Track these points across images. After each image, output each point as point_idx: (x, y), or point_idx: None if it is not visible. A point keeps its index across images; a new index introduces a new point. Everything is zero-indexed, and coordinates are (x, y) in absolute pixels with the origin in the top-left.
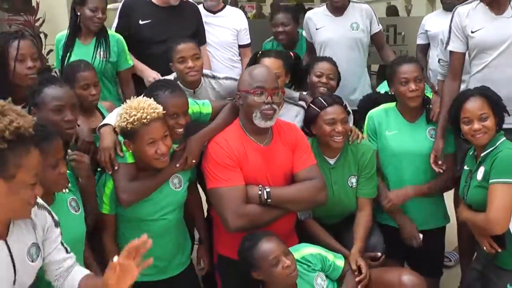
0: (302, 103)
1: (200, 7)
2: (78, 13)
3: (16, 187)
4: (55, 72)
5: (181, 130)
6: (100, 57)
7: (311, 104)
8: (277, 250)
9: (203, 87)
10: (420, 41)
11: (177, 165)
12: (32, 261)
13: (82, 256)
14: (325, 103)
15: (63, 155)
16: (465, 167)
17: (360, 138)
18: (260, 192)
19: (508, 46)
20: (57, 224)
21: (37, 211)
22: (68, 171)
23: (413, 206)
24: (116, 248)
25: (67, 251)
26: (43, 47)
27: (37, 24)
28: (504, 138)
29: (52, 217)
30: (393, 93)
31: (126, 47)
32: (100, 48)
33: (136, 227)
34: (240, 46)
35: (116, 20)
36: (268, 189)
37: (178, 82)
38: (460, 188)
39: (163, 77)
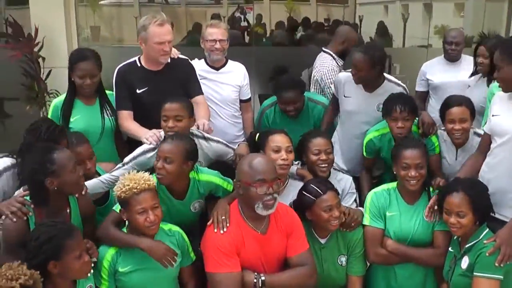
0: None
1: (202, 62)
2: (73, 79)
3: None
4: None
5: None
6: (109, 117)
7: (305, 193)
8: None
9: None
10: (419, 88)
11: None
12: None
13: None
14: (320, 192)
15: (85, 245)
16: (450, 249)
17: (352, 227)
18: (255, 280)
19: None
20: None
21: None
22: None
23: (406, 275)
24: None
25: None
26: (41, 70)
27: (36, 49)
28: (487, 229)
29: None
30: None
31: None
32: (106, 107)
33: None
34: (241, 101)
35: (114, 91)
36: (263, 278)
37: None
38: (444, 270)
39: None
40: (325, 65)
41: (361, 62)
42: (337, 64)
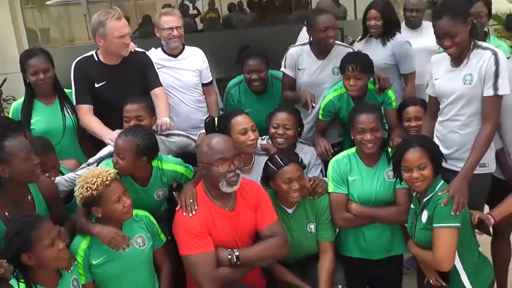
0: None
1: (159, 51)
2: (28, 81)
3: None
4: None
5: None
6: (69, 114)
7: (268, 162)
8: None
9: None
10: None
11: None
12: None
13: None
14: (281, 163)
15: (58, 233)
16: (411, 206)
17: (319, 193)
18: (230, 256)
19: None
20: None
21: None
22: None
23: (374, 235)
24: None
25: None
26: None
27: None
28: (442, 181)
29: None
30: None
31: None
32: (66, 105)
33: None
34: (203, 85)
35: (73, 85)
36: (236, 253)
37: None
38: (407, 226)
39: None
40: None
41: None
42: None
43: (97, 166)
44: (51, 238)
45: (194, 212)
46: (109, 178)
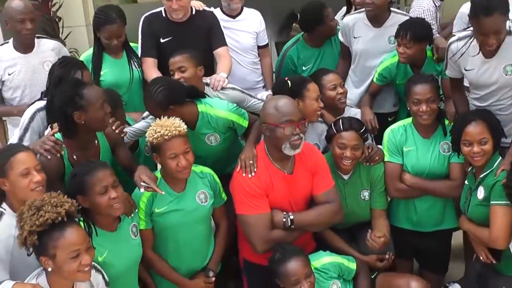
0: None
1: (218, 11)
2: (99, 36)
3: (60, 262)
4: None
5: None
6: (136, 68)
7: (332, 125)
8: (300, 272)
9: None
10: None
11: None
12: None
13: (137, 275)
14: (341, 128)
15: (112, 182)
16: (466, 182)
17: (376, 161)
18: (284, 220)
19: None
20: (107, 284)
21: (94, 273)
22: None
23: (426, 207)
24: (159, 258)
25: None
26: (61, 30)
27: (54, 9)
28: (500, 158)
29: (104, 278)
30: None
31: None
32: (133, 59)
33: (166, 236)
34: (259, 47)
35: (139, 39)
36: (291, 216)
37: None
38: (460, 202)
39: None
40: (422, 5)
41: None
42: (434, 4)
43: (149, 118)
44: (104, 186)
45: (253, 174)
46: (170, 133)
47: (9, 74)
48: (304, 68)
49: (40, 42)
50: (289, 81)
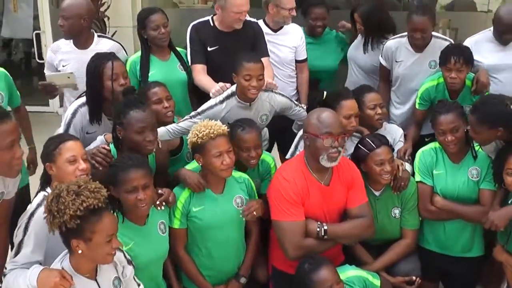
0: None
1: (261, 23)
2: (145, 37)
3: (94, 246)
4: None
5: (254, 161)
6: (182, 70)
7: (360, 146)
8: (331, 279)
9: (259, 101)
10: None
11: None
12: None
13: (161, 269)
14: (373, 145)
15: (143, 184)
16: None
17: (403, 188)
18: (318, 229)
19: None
20: (129, 262)
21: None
22: None
23: (455, 230)
24: (189, 259)
25: (138, 285)
26: (107, 30)
27: (102, 9)
28: None
29: (125, 256)
30: None
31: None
32: (182, 61)
33: (200, 237)
34: (297, 62)
35: (188, 46)
36: (325, 227)
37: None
38: (498, 232)
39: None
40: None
41: (425, 23)
42: None
43: (196, 118)
44: (133, 186)
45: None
46: (215, 132)
47: (63, 66)
48: None
49: (99, 41)
50: (324, 92)
